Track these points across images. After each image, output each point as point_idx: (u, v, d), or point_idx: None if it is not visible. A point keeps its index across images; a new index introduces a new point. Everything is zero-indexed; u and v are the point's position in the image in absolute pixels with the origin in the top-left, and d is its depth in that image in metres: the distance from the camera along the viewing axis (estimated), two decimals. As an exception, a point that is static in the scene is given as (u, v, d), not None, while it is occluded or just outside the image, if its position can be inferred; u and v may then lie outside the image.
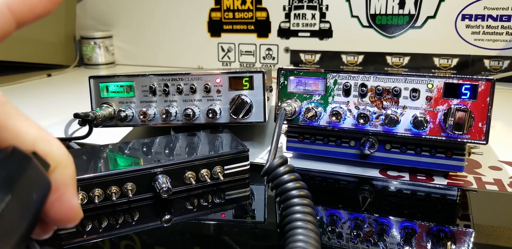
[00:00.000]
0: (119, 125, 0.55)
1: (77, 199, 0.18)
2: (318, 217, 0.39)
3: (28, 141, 0.17)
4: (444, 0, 0.97)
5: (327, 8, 1.07)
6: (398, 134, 0.45)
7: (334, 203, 0.42)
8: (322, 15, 1.07)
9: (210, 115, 0.51)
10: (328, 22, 1.07)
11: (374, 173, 0.48)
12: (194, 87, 0.52)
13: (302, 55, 1.13)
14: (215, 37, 1.20)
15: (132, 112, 0.54)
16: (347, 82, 0.46)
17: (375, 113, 0.45)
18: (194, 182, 0.42)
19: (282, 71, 0.49)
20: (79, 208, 0.18)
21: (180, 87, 0.53)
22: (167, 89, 0.53)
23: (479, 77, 0.41)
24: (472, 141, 0.42)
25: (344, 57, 1.09)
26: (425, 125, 0.43)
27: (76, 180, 0.18)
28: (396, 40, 1.03)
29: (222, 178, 0.44)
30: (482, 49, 0.97)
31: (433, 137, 0.43)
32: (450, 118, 0.41)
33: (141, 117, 0.53)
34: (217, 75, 0.52)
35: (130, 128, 0.65)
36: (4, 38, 0.17)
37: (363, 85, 0.45)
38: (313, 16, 1.08)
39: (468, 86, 0.42)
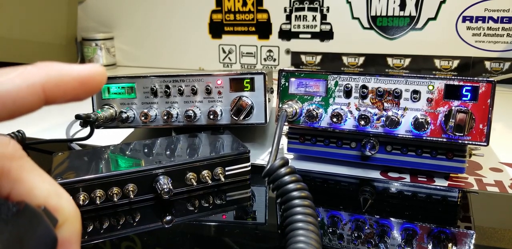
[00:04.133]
0: (121, 126, 0.55)
1: None
2: (319, 219, 0.39)
3: (41, 196, 0.18)
4: (445, 2, 0.97)
5: (328, 9, 1.07)
6: (399, 135, 0.45)
7: (335, 205, 0.42)
8: (323, 16, 1.08)
9: (211, 117, 0.51)
10: (329, 23, 1.08)
11: (375, 174, 0.48)
12: (195, 88, 0.52)
13: (303, 57, 1.13)
14: (216, 39, 1.20)
15: (134, 114, 0.54)
16: (348, 84, 0.46)
17: (376, 115, 0.45)
18: (195, 183, 0.42)
19: (283, 73, 0.49)
20: None
21: (181, 88, 0.53)
22: (168, 90, 0.53)
23: (480, 78, 0.41)
24: (473, 142, 0.42)
25: (345, 58, 1.09)
26: (426, 126, 0.43)
27: (81, 236, 0.19)
28: (397, 42, 1.03)
29: (223, 179, 0.44)
30: (483, 50, 0.97)
31: (434, 139, 0.43)
32: (451, 120, 0.41)
33: (143, 118, 0.53)
34: (218, 76, 0.52)
35: (132, 129, 0.65)
36: (30, 112, 0.18)
37: (364, 86, 0.46)
38: (314, 18, 1.08)
39: (469, 88, 0.42)
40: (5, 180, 0.18)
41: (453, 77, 0.42)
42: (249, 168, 0.46)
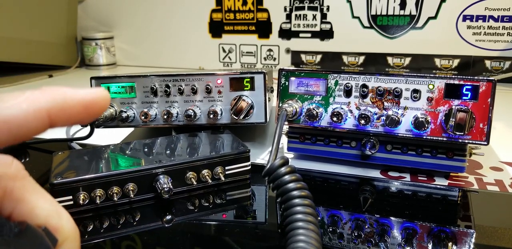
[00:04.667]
0: (121, 125, 0.55)
1: None
2: (319, 218, 0.39)
3: (42, 216, 0.18)
4: (445, 1, 0.97)
5: (328, 9, 1.07)
6: (399, 134, 0.45)
7: (335, 204, 0.42)
8: (323, 16, 1.07)
9: (211, 116, 0.51)
10: (329, 23, 1.07)
11: (375, 173, 0.48)
12: (195, 88, 0.52)
13: (303, 56, 1.13)
14: (216, 38, 1.20)
15: (134, 113, 0.54)
16: (348, 83, 0.46)
17: (376, 114, 0.45)
18: (195, 183, 0.42)
19: (283, 72, 0.49)
20: None
21: (181, 88, 0.53)
22: (168, 90, 0.53)
23: (480, 77, 0.41)
24: (473, 141, 0.42)
25: (345, 58, 1.09)
26: (426, 125, 0.43)
27: None
28: (397, 41, 1.03)
29: (223, 178, 0.44)
30: (483, 50, 0.97)
31: (434, 138, 0.43)
32: (451, 119, 0.41)
33: (143, 117, 0.53)
34: (218, 76, 0.52)
35: (132, 129, 0.65)
36: (34, 136, 0.18)
37: (364, 86, 0.46)
38: (314, 17, 1.08)
39: (469, 87, 0.42)
40: (7, 200, 0.18)
41: (453, 76, 0.42)
42: (249, 167, 0.46)
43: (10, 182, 0.18)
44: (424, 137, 0.44)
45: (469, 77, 0.42)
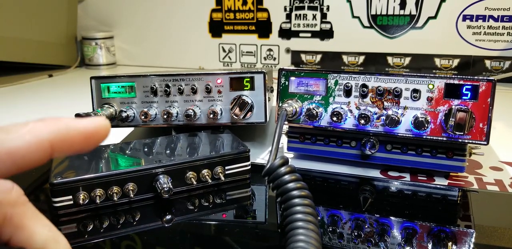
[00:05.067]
0: (121, 125, 0.55)
1: None
2: (319, 218, 0.39)
3: (39, 242, 0.19)
4: (445, 1, 0.97)
5: (328, 8, 1.07)
6: (399, 134, 0.45)
7: (335, 204, 0.42)
8: (323, 15, 1.07)
9: (211, 116, 0.51)
10: (329, 22, 1.07)
11: (375, 173, 0.48)
12: (195, 87, 0.52)
13: (303, 56, 1.13)
14: (216, 38, 1.20)
15: (133, 113, 0.54)
16: (348, 83, 0.46)
17: (376, 114, 0.45)
18: (195, 183, 0.42)
19: (283, 72, 0.49)
20: None
21: (181, 87, 0.53)
22: (168, 89, 0.53)
23: (480, 77, 0.41)
24: (473, 141, 0.42)
25: (345, 57, 1.09)
26: (426, 125, 0.43)
27: None
28: (397, 41, 1.03)
29: (223, 178, 0.44)
30: (483, 49, 0.97)
31: (434, 138, 0.43)
32: (451, 119, 0.41)
33: (142, 117, 0.53)
34: (218, 75, 0.52)
35: (131, 129, 0.65)
36: (37, 166, 0.19)
37: (364, 85, 0.46)
38: (314, 17, 1.08)
39: (469, 87, 0.42)
40: (7, 226, 0.18)
41: (453, 76, 0.42)
42: (249, 167, 0.46)
43: (10, 208, 0.18)
44: (424, 137, 0.44)
45: (469, 77, 0.42)
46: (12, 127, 0.18)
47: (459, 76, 0.42)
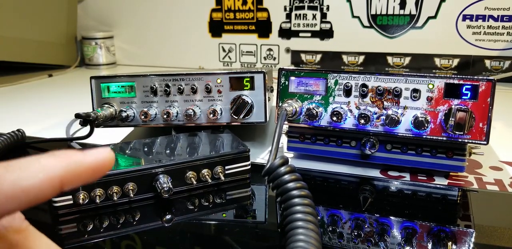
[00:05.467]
0: (120, 125, 0.55)
1: None
2: (319, 217, 0.39)
3: None
4: (445, 1, 0.97)
5: (328, 8, 1.07)
6: (399, 134, 0.45)
7: (335, 203, 0.42)
8: (323, 15, 1.07)
9: (211, 115, 0.51)
10: (329, 22, 1.07)
11: (375, 173, 0.48)
12: (195, 87, 0.52)
13: (303, 56, 1.13)
14: (216, 38, 1.20)
15: (133, 112, 0.54)
16: (348, 83, 0.46)
17: (376, 114, 0.45)
18: (195, 182, 0.42)
19: (283, 72, 0.49)
20: None
21: (181, 87, 0.53)
22: (168, 89, 0.53)
23: (480, 77, 0.41)
24: (473, 141, 0.42)
25: (345, 57, 1.09)
26: (426, 125, 0.43)
27: None
28: (397, 41, 1.03)
29: (223, 178, 0.44)
30: (483, 49, 0.97)
31: (434, 138, 0.43)
32: (451, 119, 0.41)
33: (142, 117, 0.53)
34: (218, 75, 0.52)
35: (131, 128, 0.65)
36: (46, 200, 0.19)
37: (364, 85, 0.46)
38: (314, 17, 1.08)
39: (469, 87, 0.42)
40: None
41: (453, 76, 0.42)
42: (249, 167, 0.46)
43: (16, 235, 0.19)
44: (424, 136, 0.44)
45: (468, 76, 0.42)
46: (25, 163, 0.18)
47: (459, 76, 0.42)
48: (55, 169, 0.19)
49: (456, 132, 0.41)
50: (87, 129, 0.53)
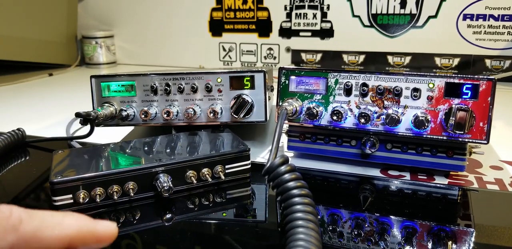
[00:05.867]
0: (121, 124, 0.55)
1: None
2: (319, 216, 0.39)
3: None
4: (446, 0, 0.97)
5: (328, 7, 1.07)
6: (399, 133, 0.45)
7: (335, 203, 0.42)
8: (324, 14, 1.07)
9: (211, 115, 0.51)
10: (329, 21, 1.07)
11: (375, 172, 0.48)
12: (195, 86, 0.52)
13: (303, 55, 1.13)
14: (216, 37, 1.20)
15: (134, 112, 0.54)
16: (348, 82, 0.46)
17: (376, 113, 0.45)
18: (195, 181, 0.42)
19: (283, 71, 0.49)
20: None
21: (182, 86, 0.53)
22: (168, 88, 0.53)
23: (480, 76, 0.41)
24: (473, 140, 0.42)
25: (345, 56, 1.09)
26: (426, 124, 0.43)
27: None
28: (398, 40, 1.03)
29: (223, 177, 0.44)
30: (484, 48, 0.97)
31: (434, 137, 0.43)
32: (451, 118, 0.41)
33: (143, 116, 0.53)
34: (218, 74, 0.52)
35: (132, 128, 0.65)
36: None
37: (364, 84, 0.46)
38: (315, 16, 1.08)
39: (469, 86, 0.42)
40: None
41: (453, 75, 0.42)
42: (249, 166, 0.46)
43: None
44: (424, 136, 0.44)
45: (469, 76, 0.42)
46: (45, 216, 0.20)
47: (459, 75, 0.42)
48: (70, 228, 0.21)
49: (457, 132, 0.41)
50: (87, 128, 0.53)
